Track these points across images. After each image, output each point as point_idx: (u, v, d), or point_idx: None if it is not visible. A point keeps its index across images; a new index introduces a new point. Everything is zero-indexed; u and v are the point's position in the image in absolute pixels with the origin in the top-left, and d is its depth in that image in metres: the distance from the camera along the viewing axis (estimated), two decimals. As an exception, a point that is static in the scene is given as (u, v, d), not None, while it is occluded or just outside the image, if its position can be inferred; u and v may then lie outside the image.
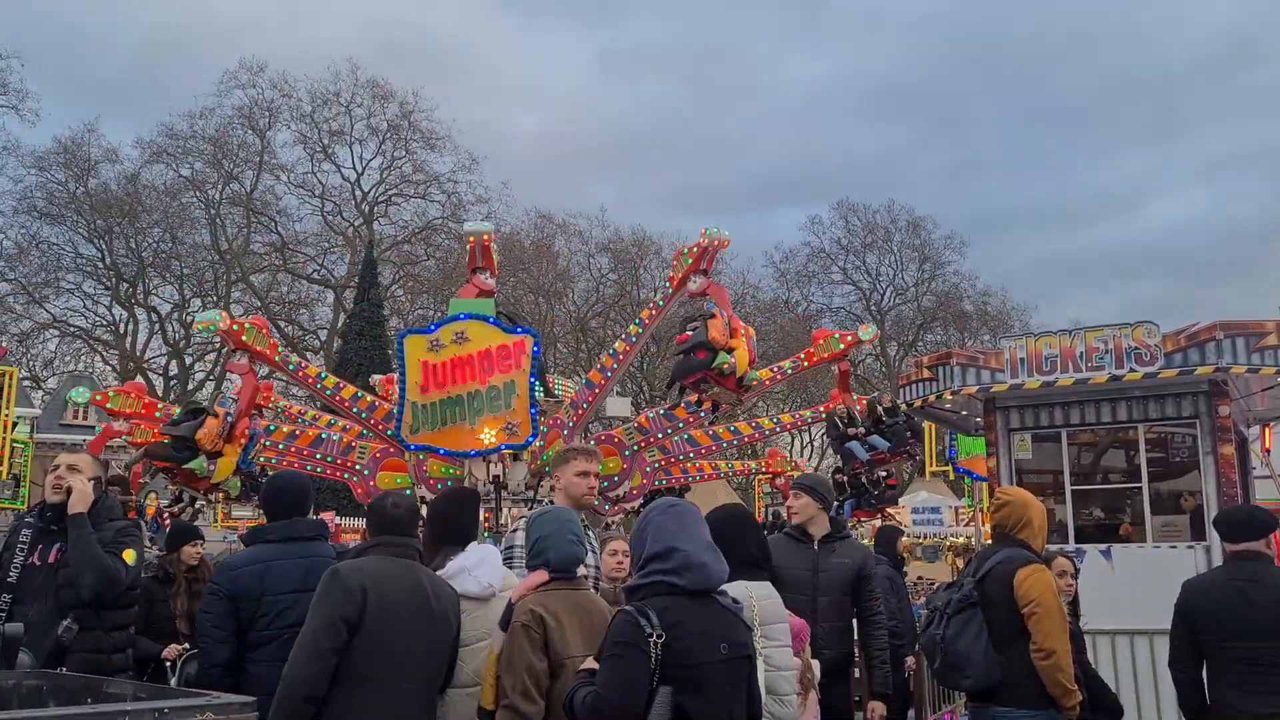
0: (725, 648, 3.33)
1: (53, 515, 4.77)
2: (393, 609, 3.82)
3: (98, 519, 4.79)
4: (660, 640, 3.18)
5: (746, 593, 4.16)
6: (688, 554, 3.39)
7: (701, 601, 3.37)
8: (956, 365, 8.68)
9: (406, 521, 4.19)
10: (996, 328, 43.11)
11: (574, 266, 45.76)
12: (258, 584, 4.38)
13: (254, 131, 42.23)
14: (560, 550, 3.98)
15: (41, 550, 4.70)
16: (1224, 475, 7.88)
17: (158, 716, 2.33)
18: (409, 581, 3.94)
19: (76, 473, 4.84)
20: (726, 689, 3.32)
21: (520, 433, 13.68)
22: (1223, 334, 7.72)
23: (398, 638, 3.80)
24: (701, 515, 3.73)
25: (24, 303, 39.60)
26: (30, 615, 4.47)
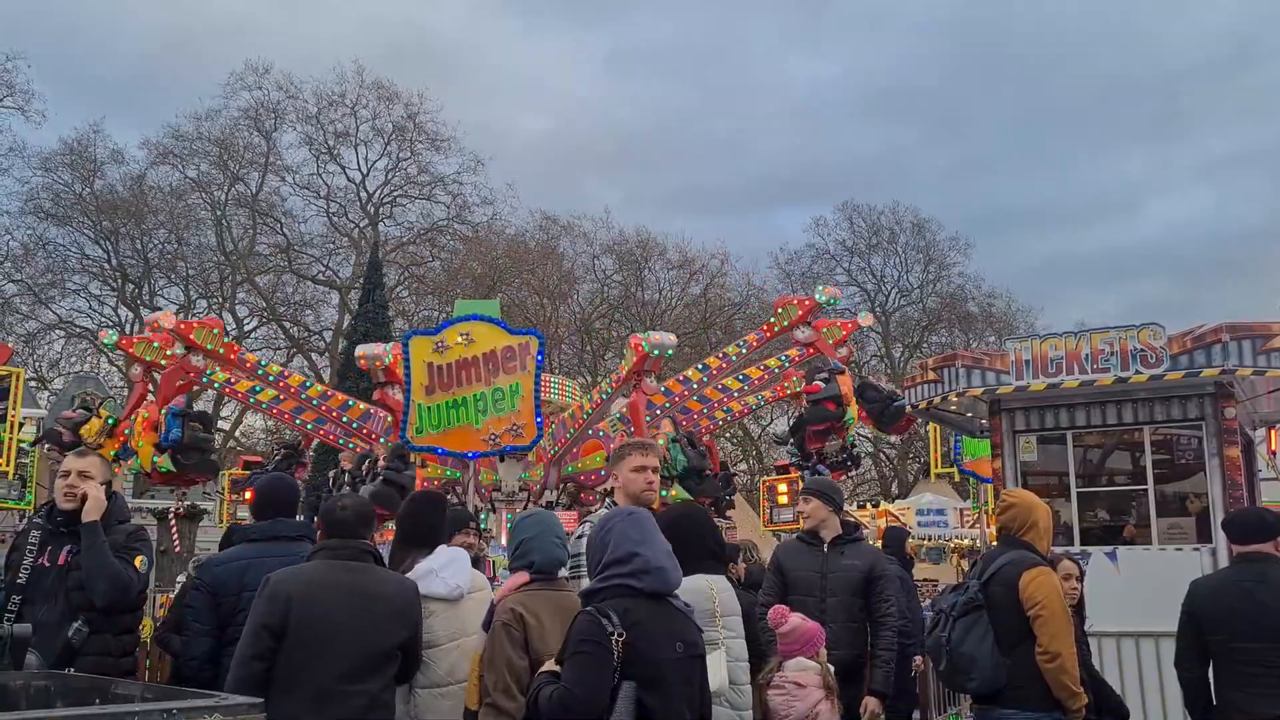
0: (680, 647, 3.52)
1: (63, 519, 4.76)
2: (322, 613, 3.93)
3: (107, 522, 4.79)
4: (622, 639, 3.35)
5: (708, 585, 4.34)
6: (647, 559, 3.56)
7: (658, 604, 3.56)
8: (961, 367, 8.68)
9: (354, 524, 4.26)
10: (1001, 329, 43.04)
11: (578, 268, 45.78)
12: (236, 581, 4.61)
13: (259, 133, 42.30)
14: (545, 552, 4.12)
15: (51, 552, 4.70)
16: (1230, 478, 7.87)
17: (166, 717, 2.34)
18: (344, 585, 4.03)
19: (88, 479, 4.81)
20: (682, 686, 3.51)
21: (525, 434, 13.70)
22: (1229, 336, 7.72)
23: (328, 640, 3.90)
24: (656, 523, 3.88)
25: (30, 304, 39.68)
26: (40, 617, 4.46)
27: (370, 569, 4.21)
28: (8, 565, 4.82)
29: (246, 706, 2.52)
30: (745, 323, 44.22)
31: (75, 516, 4.74)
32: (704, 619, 4.18)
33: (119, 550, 4.77)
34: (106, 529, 4.75)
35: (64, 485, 4.76)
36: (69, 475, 4.80)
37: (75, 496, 4.75)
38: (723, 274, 45.94)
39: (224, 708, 2.47)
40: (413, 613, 4.20)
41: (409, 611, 4.18)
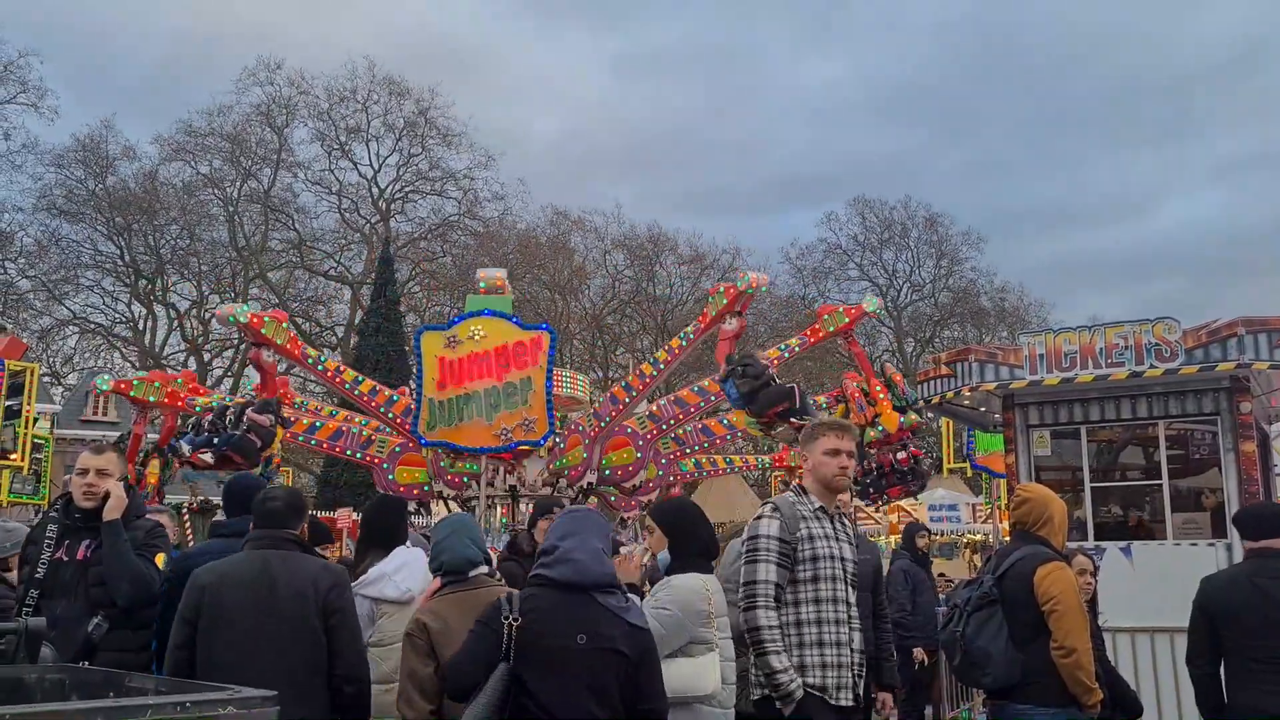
0: (583, 638, 3.53)
1: (81, 515, 4.72)
2: (230, 603, 4.13)
3: (126, 518, 4.78)
4: (516, 623, 3.49)
5: (703, 585, 4.31)
6: (564, 551, 3.68)
7: (573, 594, 3.61)
8: (975, 361, 8.64)
9: (281, 514, 4.42)
10: (1014, 324, 42.91)
11: (590, 263, 45.79)
12: None
13: (271, 129, 42.42)
14: (454, 553, 4.19)
15: (69, 546, 4.66)
16: (1245, 473, 7.82)
17: (180, 710, 2.34)
18: (252, 574, 4.19)
19: (107, 477, 4.77)
20: (584, 677, 3.52)
21: (536, 429, 13.71)
22: (1244, 330, 7.66)
23: (233, 626, 4.09)
24: (601, 523, 3.93)
25: (44, 300, 39.90)
26: (59, 611, 4.43)
27: (291, 556, 4.33)
28: (23, 559, 4.80)
29: (260, 700, 2.52)
30: (756, 317, 44.20)
31: (94, 513, 4.71)
32: (699, 620, 4.22)
33: (139, 547, 4.77)
34: (125, 525, 4.74)
35: (83, 483, 4.69)
36: (87, 474, 4.73)
37: (96, 495, 4.72)
38: (734, 269, 45.86)
39: (238, 700, 2.47)
40: (325, 598, 4.23)
41: (317, 592, 4.22)
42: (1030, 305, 46.00)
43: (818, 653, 4.29)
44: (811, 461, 4.49)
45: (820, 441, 4.48)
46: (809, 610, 4.32)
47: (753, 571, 4.33)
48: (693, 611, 4.22)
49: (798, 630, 4.30)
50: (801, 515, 4.36)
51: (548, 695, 3.49)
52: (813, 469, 4.49)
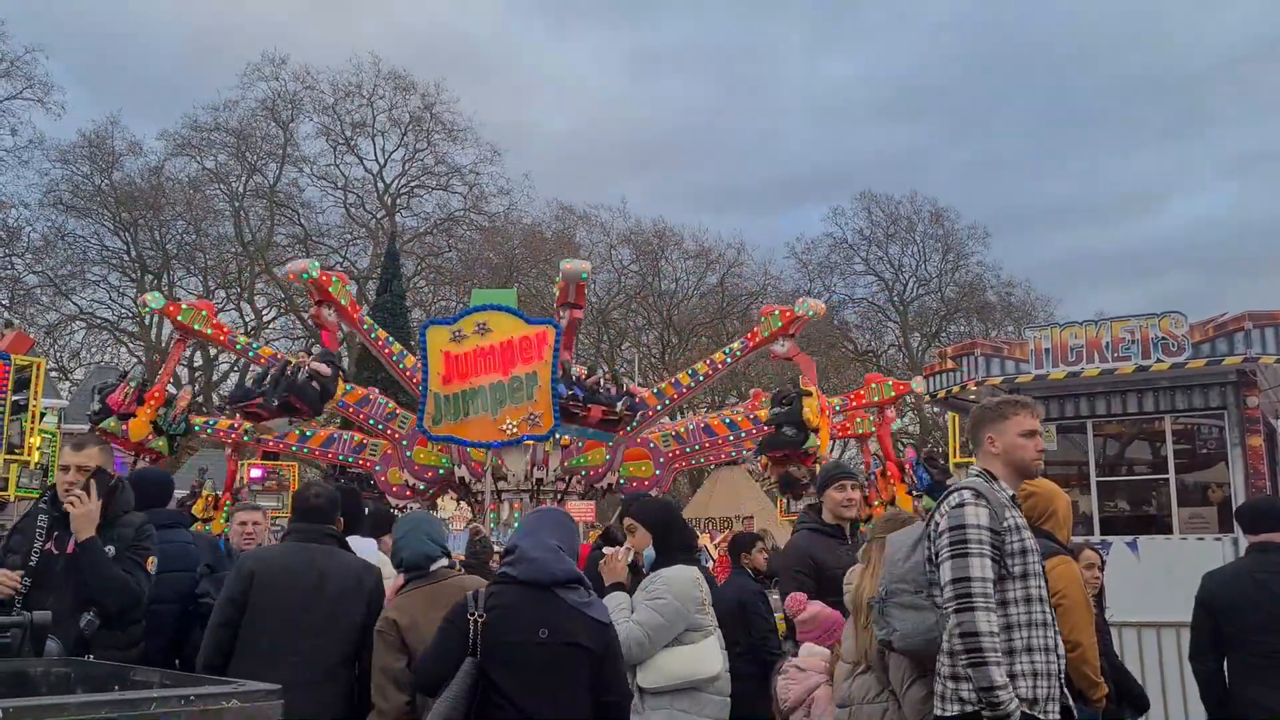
0: (545, 633, 3.71)
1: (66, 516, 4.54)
2: (276, 588, 4.45)
3: (113, 514, 4.58)
4: (481, 620, 3.67)
5: (695, 575, 4.50)
6: (525, 550, 3.86)
7: (535, 591, 3.78)
8: (981, 356, 8.64)
9: (325, 509, 4.74)
10: (1021, 319, 42.79)
11: (595, 258, 45.76)
12: None
13: (277, 124, 42.41)
14: (412, 549, 4.40)
15: (59, 539, 4.51)
16: (1252, 467, 7.80)
17: (185, 703, 2.35)
18: (300, 564, 4.51)
19: (85, 473, 4.53)
20: (547, 670, 3.69)
21: (542, 423, 13.72)
22: (1251, 324, 7.65)
23: (280, 612, 4.41)
24: (563, 522, 4.11)
25: (51, 295, 39.96)
26: (49, 604, 4.16)
27: (332, 551, 4.65)
28: (9, 548, 4.62)
29: (264, 693, 2.52)
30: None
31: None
32: (696, 606, 4.42)
33: (130, 549, 4.57)
34: (113, 523, 4.56)
35: (64, 481, 4.52)
36: (69, 470, 4.54)
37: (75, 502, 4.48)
38: (739, 264, 45.89)
39: (242, 694, 2.47)
40: (367, 592, 4.58)
41: (362, 590, 4.56)
42: (1037, 300, 45.86)
43: (1028, 660, 3.74)
44: (1002, 444, 4.06)
45: (1012, 421, 4.03)
46: (1019, 611, 3.76)
47: (964, 567, 3.71)
48: (689, 599, 4.38)
49: (1007, 635, 3.73)
50: (1002, 503, 3.88)
51: (512, 688, 3.66)
52: (1004, 452, 4.04)
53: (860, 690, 4.23)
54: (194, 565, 5.71)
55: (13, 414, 18.12)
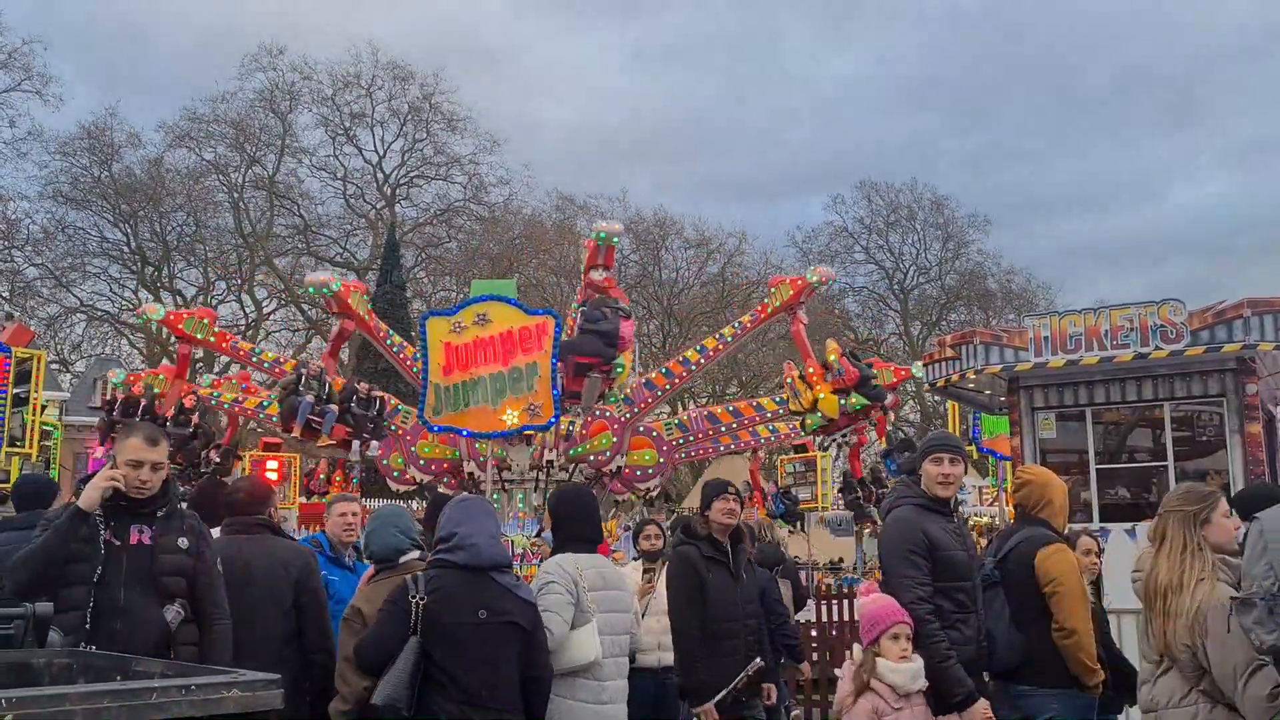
0: (483, 614, 3.98)
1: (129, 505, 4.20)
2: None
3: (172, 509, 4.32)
4: (421, 602, 3.92)
5: (574, 563, 4.63)
6: (463, 537, 4.11)
7: (473, 575, 4.05)
8: (980, 344, 8.64)
9: (245, 503, 5.16)
10: (1021, 307, 42.75)
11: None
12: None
13: (275, 114, 42.35)
14: (382, 543, 4.63)
15: (116, 529, 4.15)
16: (1251, 454, 7.82)
17: (185, 693, 2.37)
18: (227, 557, 4.72)
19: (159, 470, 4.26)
20: (486, 648, 3.95)
21: (542, 414, 13.73)
22: (1250, 311, 7.65)
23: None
24: (490, 510, 4.42)
25: (51, 287, 39.95)
26: (124, 600, 4.05)
27: (264, 538, 5.05)
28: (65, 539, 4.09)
29: (264, 683, 2.54)
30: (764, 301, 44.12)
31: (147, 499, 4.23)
32: (576, 593, 4.57)
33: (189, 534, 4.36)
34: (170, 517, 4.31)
35: (136, 478, 4.17)
36: (142, 467, 4.20)
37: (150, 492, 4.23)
38: (740, 253, 45.86)
39: (242, 683, 2.49)
40: (294, 573, 4.91)
41: (289, 573, 4.91)
42: (1038, 288, 45.84)
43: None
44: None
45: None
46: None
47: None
48: (571, 585, 4.54)
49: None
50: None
51: (453, 665, 3.91)
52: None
53: (1164, 693, 3.78)
54: None
55: (13, 407, 18.13)
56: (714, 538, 5.56)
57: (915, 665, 4.28)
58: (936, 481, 4.75)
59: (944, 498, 4.75)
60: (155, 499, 4.25)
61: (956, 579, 4.51)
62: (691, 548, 5.56)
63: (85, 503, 4.10)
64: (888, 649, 4.30)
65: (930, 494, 4.75)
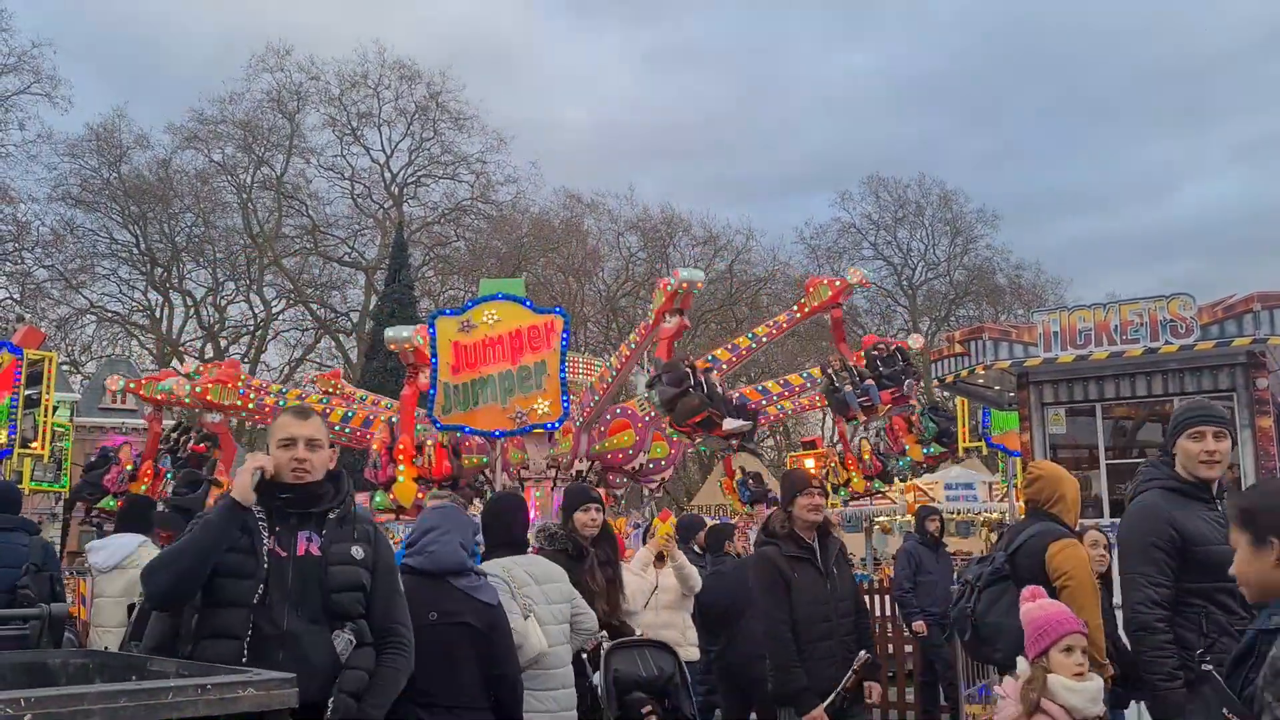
0: (434, 615, 4.08)
1: (293, 499, 3.55)
2: None
3: (346, 510, 3.67)
4: None
5: (502, 568, 4.81)
6: (426, 543, 4.31)
7: (429, 580, 4.20)
8: (989, 339, 8.63)
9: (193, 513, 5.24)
10: (1030, 302, 42.65)
11: (603, 246, 45.76)
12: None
13: (283, 115, 42.44)
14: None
15: (280, 537, 3.48)
16: (1262, 449, 7.80)
17: (201, 692, 2.39)
18: None
19: (319, 448, 3.60)
20: (438, 650, 4.04)
21: (551, 412, 13.76)
22: (1260, 305, 7.63)
23: None
24: (459, 517, 4.56)
25: (61, 289, 40.11)
26: (286, 624, 3.38)
27: None
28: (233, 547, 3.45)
29: (279, 681, 2.56)
30: (771, 299, 44.11)
31: (307, 496, 3.56)
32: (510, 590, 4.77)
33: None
34: (344, 520, 3.62)
35: (290, 458, 3.52)
36: (296, 444, 3.54)
37: (310, 473, 3.56)
38: (748, 250, 45.85)
39: (257, 683, 2.51)
40: None
41: None
42: (1047, 283, 45.71)
43: None
44: None
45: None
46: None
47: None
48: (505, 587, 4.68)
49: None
50: None
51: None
52: None
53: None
54: (21, 563, 6.63)
55: (25, 408, 18.21)
56: (797, 534, 5.34)
57: (1095, 685, 3.77)
58: (1199, 460, 4.11)
59: (1206, 480, 4.12)
60: (325, 494, 3.59)
61: (1220, 579, 3.56)
62: (772, 547, 5.36)
63: (239, 491, 3.42)
64: (1060, 664, 3.76)
65: (1188, 474, 4.14)
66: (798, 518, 5.37)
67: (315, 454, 3.56)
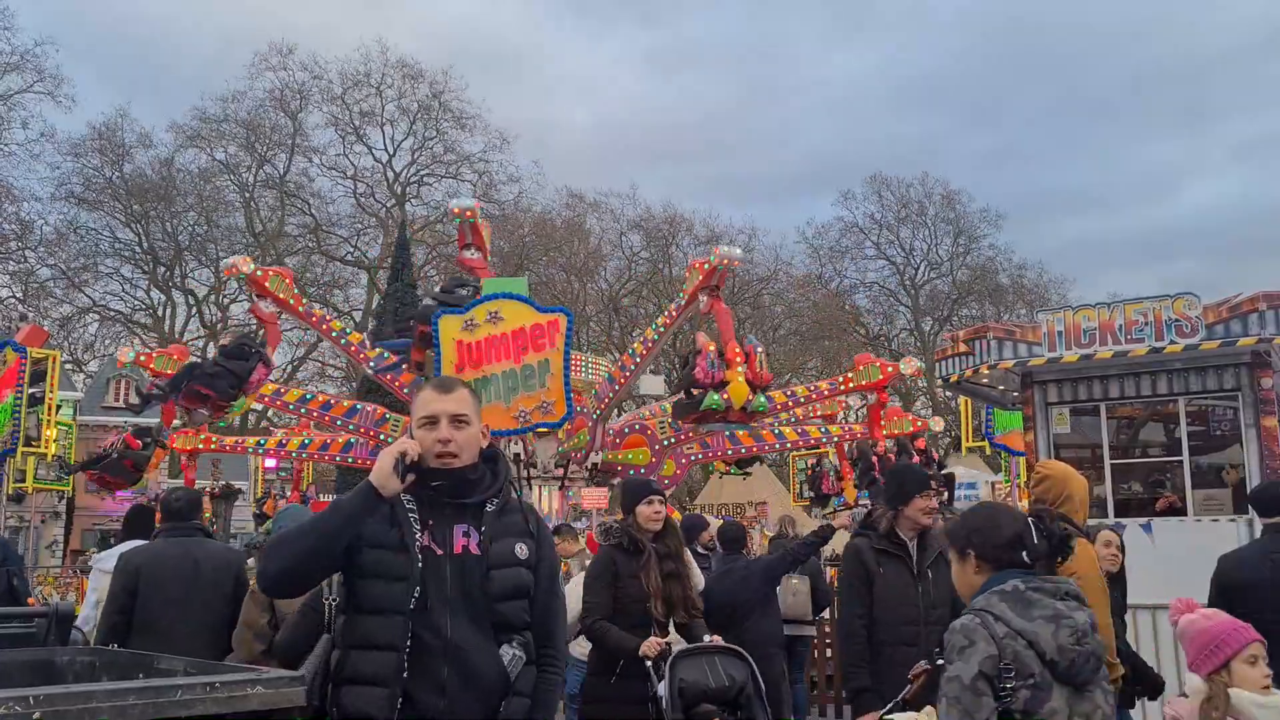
0: None
1: (447, 487, 2.97)
2: (161, 577, 5.45)
3: (506, 499, 3.08)
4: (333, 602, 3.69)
5: None
6: None
7: None
8: (993, 339, 8.61)
9: (185, 511, 5.81)
10: (1033, 301, 42.65)
11: (605, 245, 45.78)
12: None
13: (285, 114, 42.47)
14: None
15: (434, 531, 2.95)
16: (1267, 448, 7.77)
17: (209, 690, 2.38)
18: (178, 555, 5.55)
19: (465, 426, 2.99)
20: None
21: (555, 411, 13.75)
22: (1265, 304, 7.61)
23: (167, 596, 5.40)
24: None
25: (64, 288, 40.18)
26: (451, 632, 2.87)
27: (201, 541, 5.75)
28: (365, 543, 2.93)
29: (287, 680, 2.55)
30: (773, 298, 44.12)
31: (461, 483, 2.98)
32: None
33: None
34: (504, 511, 3.05)
35: (434, 439, 2.94)
36: (438, 423, 2.96)
37: (458, 456, 2.96)
38: (750, 249, 45.81)
39: (265, 680, 2.50)
40: (234, 569, 5.67)
41: (230, 568, 5.67)
42: (1050, 282, 45.72)
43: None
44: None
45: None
46: None
47: None
48: None
49: None
50: None
51: None
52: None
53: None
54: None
55: (29, 407, 18.22)
56: (895, 530, 4.93)
57: None
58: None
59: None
60: (479, 480, 3.02)
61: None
62: (864, 538, 5.02)
63: (378, 476, 2.83)
64: (1245, 676, 3.36)
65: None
66: (907, 517, 4.94)
67: (462, 432, 2.96)
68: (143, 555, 5.61)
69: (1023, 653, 2.78)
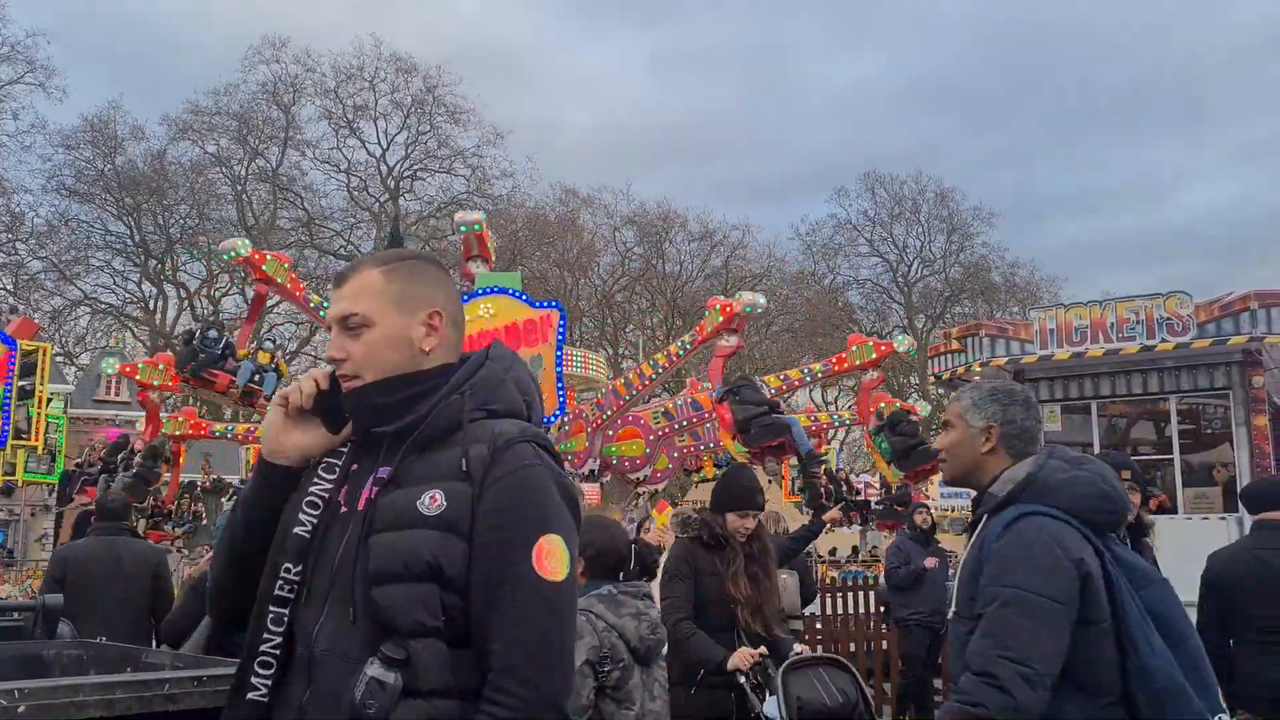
0: None
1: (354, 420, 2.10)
2: (88, 571, 6.39)
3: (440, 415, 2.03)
4: None
5: None
6: None
7: None
8: (985, 336, 8.63)
9: (118, 512, 6.84)
10: (1026, 300, 42.71)
11: (599, 240, 45.73)
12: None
13: (278, 107, 42.31)
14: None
15: (356, 482, 2.04)
16: (1257, 446, 7.80)
17: (197, 684, 2.37)
18: (101, 552, 6.52)
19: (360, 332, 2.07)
20: None
21: (546, 407, 13.76)
22: (1257, 304, 7.63)
23: (92, 588, 6.26)
24: None
25: (55, 280, 39.98)
26: (317, 640, 1.89)
27: (127, 540, 6.74)
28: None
29: (276, 674, 2.54)
30: (766, 294, 44.06)
31: (364, 407, 2.03)
32: None
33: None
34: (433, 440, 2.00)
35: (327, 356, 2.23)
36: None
37: (358, 372, 2.03)
38: (744, 246, 45.83)
39: (254, 675, 2.49)
40: (152, 566, 6.65)
41: (149, 564, 6.63)
42: (1042, 281, 45.77)
43: None
44: None
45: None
46: None
47: None
48: None
49: None
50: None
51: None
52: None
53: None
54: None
55: (19, 400, 18.15)
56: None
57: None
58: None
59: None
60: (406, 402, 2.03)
61: None
62: None
63: (264, 437, 2.14)
64: None
65: None
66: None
67: (358, 339, 2.03)
68: (73, 550, 6.70)
69: (616, 643, 3.59)
